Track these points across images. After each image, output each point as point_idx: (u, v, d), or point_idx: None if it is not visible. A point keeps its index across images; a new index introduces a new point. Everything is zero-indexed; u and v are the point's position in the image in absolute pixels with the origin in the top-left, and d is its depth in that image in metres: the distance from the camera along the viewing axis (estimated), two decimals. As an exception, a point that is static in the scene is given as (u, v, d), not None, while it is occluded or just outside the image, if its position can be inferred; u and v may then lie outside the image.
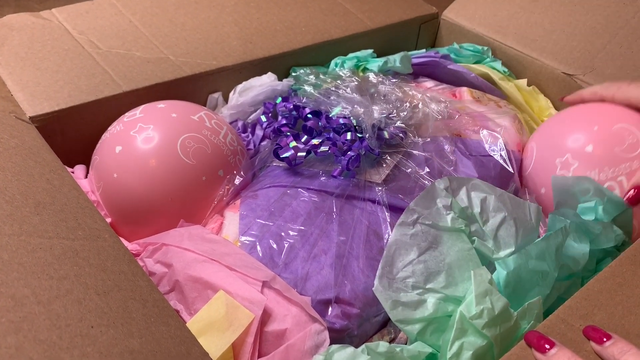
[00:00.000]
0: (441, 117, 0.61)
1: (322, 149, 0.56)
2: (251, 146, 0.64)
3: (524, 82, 0.75)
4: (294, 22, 0.75)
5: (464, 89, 0.70)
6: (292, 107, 0.61)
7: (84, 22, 0.68)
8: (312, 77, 0.66)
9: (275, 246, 0.49)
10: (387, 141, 0.58)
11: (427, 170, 0.56)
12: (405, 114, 0.60)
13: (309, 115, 0.60)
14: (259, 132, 0.66)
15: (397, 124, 0.59)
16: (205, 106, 0.67)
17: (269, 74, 0.70)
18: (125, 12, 0.71)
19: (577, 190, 0.51)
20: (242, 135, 0.65)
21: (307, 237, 0.50)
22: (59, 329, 0.31)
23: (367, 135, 0.56)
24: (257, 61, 0.69)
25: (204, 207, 0.55)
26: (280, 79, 0.70)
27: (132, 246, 0.52)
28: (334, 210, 0.52)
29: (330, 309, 0.46)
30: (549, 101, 0.73)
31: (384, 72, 0.71)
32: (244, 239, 0.50)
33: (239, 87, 0.68)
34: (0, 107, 0.55)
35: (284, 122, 0.60)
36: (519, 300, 0.42)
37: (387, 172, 0.56)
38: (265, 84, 0.68)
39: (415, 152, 0.58)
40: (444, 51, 0.77)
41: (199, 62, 0.66)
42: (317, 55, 0.74)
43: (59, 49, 0.64)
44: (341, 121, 0.58)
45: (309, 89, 0.63)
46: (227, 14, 0.73)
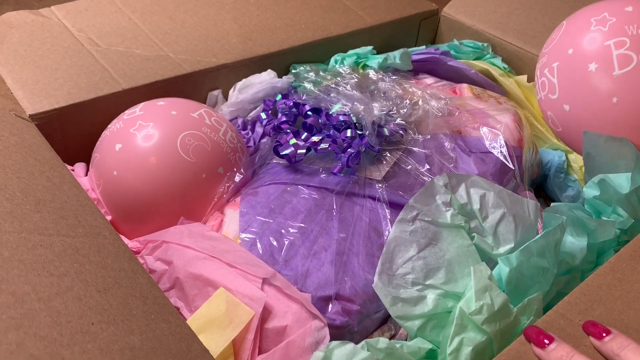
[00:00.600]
0: (441, 114, 0.61)
1: (322, 146, 0.56)
2: (251, 143, 0.64)
3: (524, 78, 0.74)
4: (294, 19, 0.75)
5: (464, 86, 0.70)
6: (292, 104, 0.61)
7: (83, 19, 0.68)
8: (312, 74, 0.66)
9: (275, 243, 0.49)
10: (387, 138, 0.58)
11: (427, 167, 0.56)
12: (405, 111, 0.60)
13: (309, 112, 0.60)
14: (259, 129, 0.66)
15: (397, 121, 0.59)
16: (205, 104, 0.67)
17: (269, 71, 0.70)
18: (124, 9, 0.71)
19: (613, 152, 0.48)
20: (242, 132, 0.65)
21: (307, 234, 0.50)
22: (59, 325, 0.31)
23: (367, 132, 0.56)
24: (257, 58, 0.69)
25: (204, 205, 0.55)
26: (280, 76, 0.70)
27: (132, 244, 0.52)
28: (334, 207, 0.52)
29: (330, 306, 0.46)
30: (549, 97, 0.73)
31: (384, 69, 0.71)
32: (244, 236, 0.50)
33: (239, 84, 0.68)
34: (0, 105, 0.55)
35: (284, 119, 0.60)
36: (519, 296, 0.42)
37: (387, 169, 0.56)
38: (265, 81, 0.68)
39: (415, 149, 0.58)
40: (444, 48, 0.77)
41: (198, 60, 0.66)
42: (317, 52, 0.74)
43: (58, 47, 0.64)
44: (341, 118, 0.58)
45: (308, 86, 0.63)
46: (226, 12, 0.73)
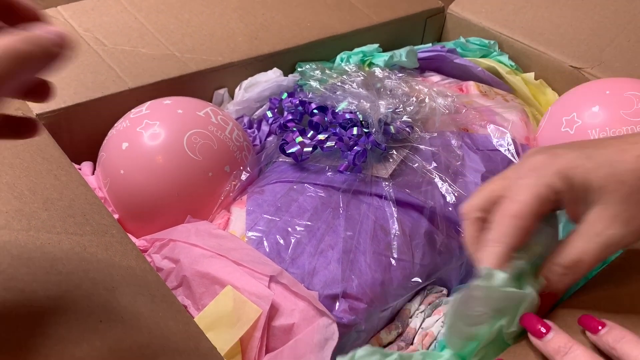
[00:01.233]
0: (448, 111, 0.61)
1: (329, 144, 0.56)
2: (257, 142, 0.64)
3: (531, 75, 0.74)
4: (300, 17, 0.74)
5: (471, 83, 0.70)
6: (298, 102, 0.61)
7: (89, 19, 0.68)
8: (318, 72, 0.65)
9: (282, 241, 0.49)
10: (393, 136, 0.57)
11: (434, 165, 0.56)
12: (411, 108, 0.59)
13: (315, 110, 0.59)
14: (265, 127, 0.65)
15: (404, 118, 0.59)
16: (211, 102, 0.67)
17: (275, 69, 0.70)
18: (130, 9, 0.71)
19: None
20: (248, 131, 0.65)
21: (314, 232, 0.50)
22: (67, 323, 0.31)
23: (373, 130, 0.56)
24: (263, 57, 0.69)
25: (210, 203, 0.55)
26: (286, 75, 0.70)
27: (139, 242, 0.52)
28: (341, 205, 0.52)
29: (337, 304, 0.46)
30: (556, 95, 0.73)
31: (390, 66, 0.71)
32: (250, 234, 0.50)
33: (245, 83, 0.68)
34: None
35: (290, 117, 0.60)
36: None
37: (393, 167, 0.55)
38: (271, 79, 0.68)
39: (422, 147, 0.57)
40: (450, 45, 0.77)
41: (204, 59, 0.66)
42: (323, 50, 0.73)
43: (65, 46, 0.64)
44: (347, 116, 0.57)
45: (314, 84, 0.63)
46: (232, 10, 0.73)
